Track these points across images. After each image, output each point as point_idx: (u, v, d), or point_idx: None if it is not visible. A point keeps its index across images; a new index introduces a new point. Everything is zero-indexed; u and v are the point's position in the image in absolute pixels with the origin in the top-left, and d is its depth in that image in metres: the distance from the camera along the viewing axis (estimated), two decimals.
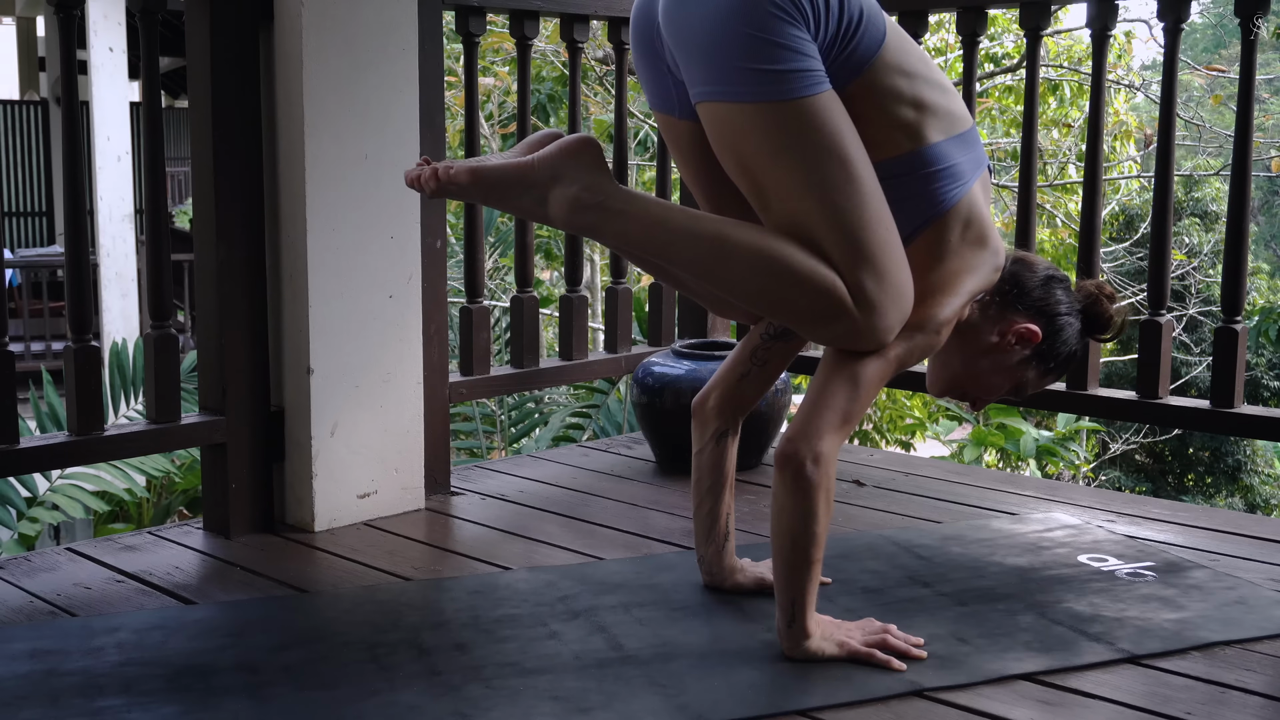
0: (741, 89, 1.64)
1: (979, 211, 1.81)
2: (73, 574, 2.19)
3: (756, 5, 1.62)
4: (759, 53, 1.62)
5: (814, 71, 1.64)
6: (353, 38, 2.36)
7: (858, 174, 1.67)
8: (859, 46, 1.69)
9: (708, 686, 1.70)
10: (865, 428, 9.00)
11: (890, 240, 1.69)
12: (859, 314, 1.67)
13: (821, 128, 1.65)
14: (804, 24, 1.63)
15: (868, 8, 1.71)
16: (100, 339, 7.08)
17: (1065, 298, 1.94)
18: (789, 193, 1.67)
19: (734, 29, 1.63)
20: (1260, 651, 1.83)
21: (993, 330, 1.90)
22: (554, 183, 1.66)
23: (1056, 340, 1.92)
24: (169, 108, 12.31)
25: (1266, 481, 10.61)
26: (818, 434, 1.71)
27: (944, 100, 1.77)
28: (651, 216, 1.68)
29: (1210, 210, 11.62)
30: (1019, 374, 1.93)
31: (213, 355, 2.37)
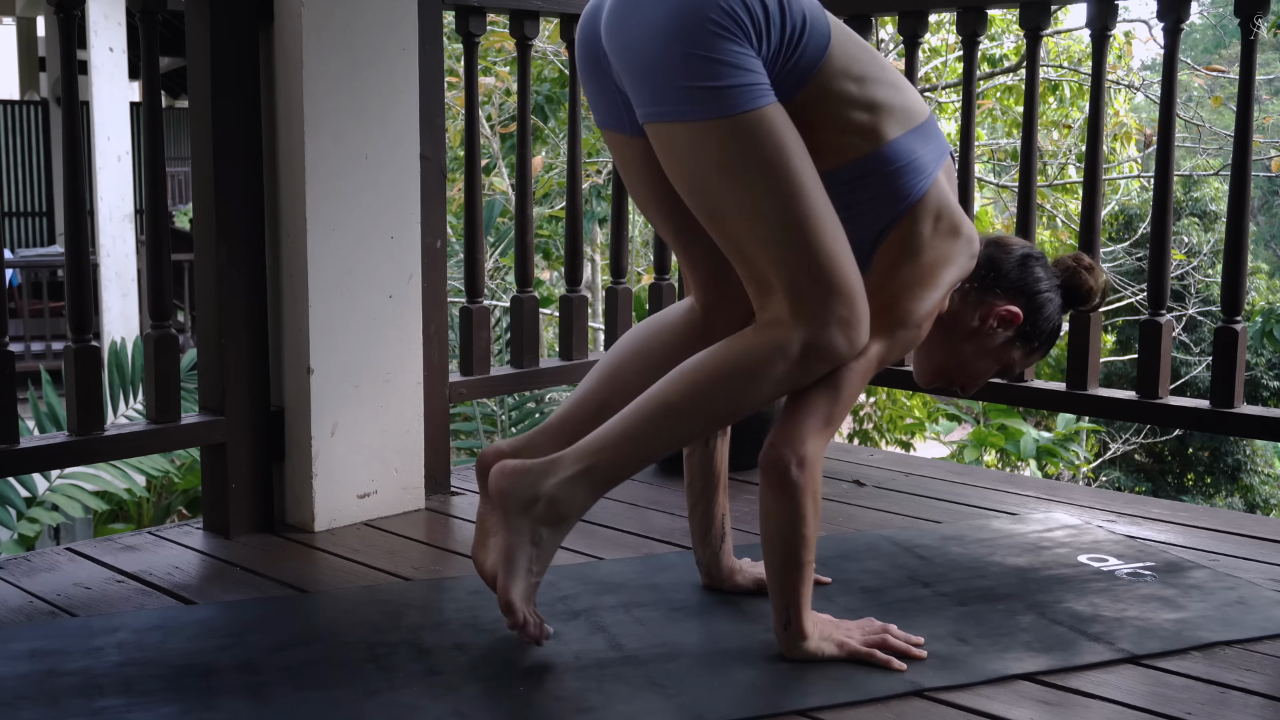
0: (685, 108, 1.63)
1: (947, 201, 1.80)
2: (73, 574, 2.19)
3: (696, 24, 1.61)
4: (700, 71, 1.62)
5: (757, 85, 1.63)
6: (353, 38, 2.36)
7: (803, 188, 1.65)
8: (804, 54, 1.68)
9: (708, 686, 1.70)
10: (865, 428, 9.01)
11: (839, 251, 1.68)
12: (825, 334, 1.67)
13: (765, 142, 1.64)
14: (745, 38, 1.62)
15: (810, 13, 1.69)
16: (100, 339, 7.08)
17: (1044, 274, 1.94)
18: (738, 212, 1.67)
19: (675, 49, 1.62)
20: (1260, 651, 1.83)
21: (973, 315, 1.90)
22: (526, 523, 1.71)
23: (1039, 318, 1.92)
24: (169, 108, 12.31)
25: (1266, 481, 10.61)
26: (801, 438, 1.71)
27: (897, 97, 1.75)
28: (604, 451, 1.70)
29: (1210, 210, 11.62)
30: (1004, 355, 1.93)
31: (213, 355, 2.37)
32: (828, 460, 3.00)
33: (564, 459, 1.72)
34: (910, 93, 1.80)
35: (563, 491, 1.70)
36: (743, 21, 1.62)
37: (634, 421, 1.71)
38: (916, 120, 1.77)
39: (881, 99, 1.73)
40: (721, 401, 1.71)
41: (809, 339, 1.67)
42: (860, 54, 1.74)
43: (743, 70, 1.62)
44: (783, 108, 1.67)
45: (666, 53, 1.63)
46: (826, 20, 1.71)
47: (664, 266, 3.16)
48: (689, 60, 1.62)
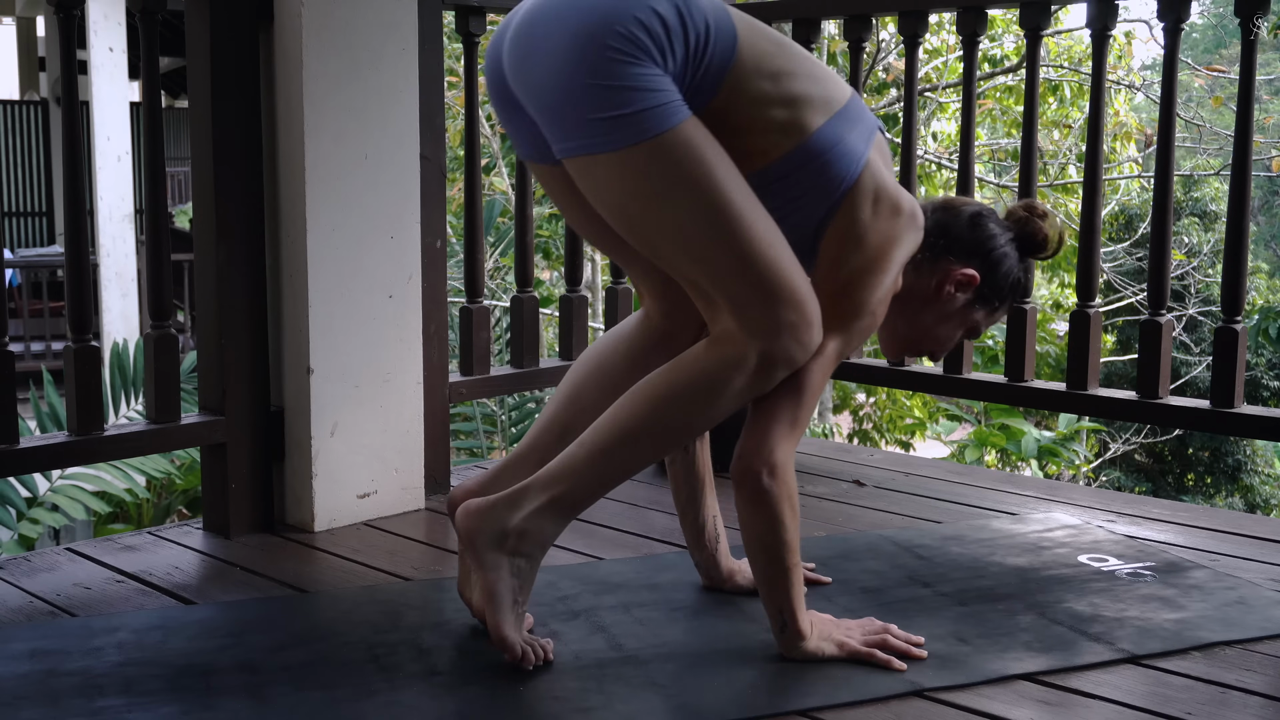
0: (598, 140, 1.61)
1: (884, 181, 1.76)
2: (72, 574, 2.19)
3: (596, 54, 1.59)
4: (607, 101, 1.59)
5: (667, 105, 1.60)
6: (353, 38, 2.36)
7: (730, 200, 1.63)
8: (712, 60, 1.64)
9: (708, 686, 1.70)
10: (865, 428, 9.01)
11: (778, 256, 1.66)
12: (780, 343, 1.65)
13: (683, 160, 1.61)
14: (649, 58, 1.59)
15: (713, 17, 1.65)
16: (100, 339, 7.08)
17: (997, 229, 1.91)
18: (668, 235, 1.66)
19: (578, 83, 1.60)
20: (1261, 652, 1.83)
21: (930, 284, 1.88)
22: (501, 558, 1.71)
23: (997, 275, 1.90)
24: (169, 108, 12.31)
25: (1266, 481, 10.61)
26: (769, 446, 1.70)
27: (815, 87, 1.71)
28: (566, 480, 1.70)
29: (1210, 210, 11.62)
30: (967, 318, 1.91)
31: (213, 355, 2.37)
32: (828, 460, 3.00)
33: (528, 490, 1.71)
34: (828, 78, 1.76)
35: (530, 524, 1.70)
36: (643, 42, 1.59)
37: (593, 449, 1.70)
38: (837, 105, 1.72)
39: (799, 92, 1.69)
40: (680, 421, 1.70)
41: (763, 350, 1.65)
42: (770, 48, 1.70)
43: (650, 92, 1.59)
44: (698, 120, 1.63)
45: (571, 88, 1.60)
46: (731, 20, 1.67)
47: None
48: (594, 92, 1.59)
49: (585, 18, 1.60)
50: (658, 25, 1.60)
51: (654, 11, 1.60)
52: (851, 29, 3.01)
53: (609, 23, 1.59)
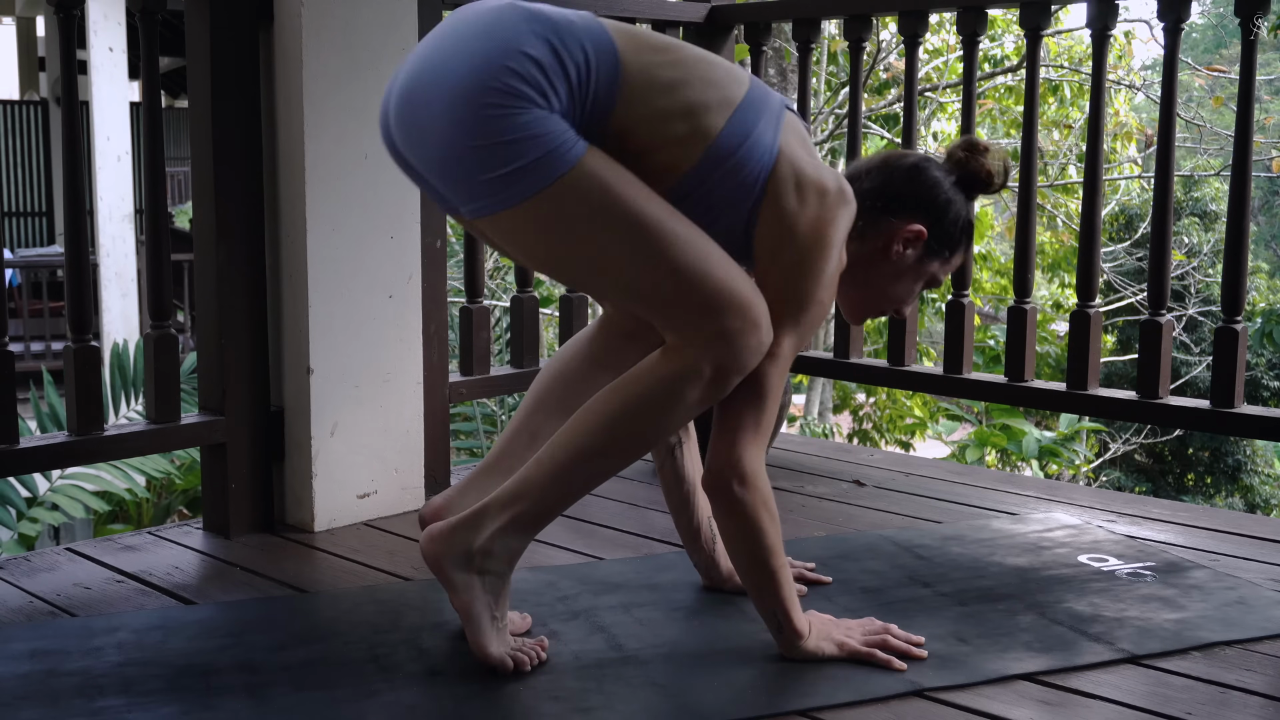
0: (499, 198, 1.59)
1: (801, 164, 1.71)
2: (72, 574, 2.19)
3: (476, 116, 1.55)
4: (498, 158, 1.56)
5: (559, 146, 1.57)
6: (352, 37, 2.36)
7: (646, 222, 1.61)
8: (598, 86, 1.61)
9: (708, 686, 1.70)
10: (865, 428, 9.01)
11: (709, 265, 1.63)
12: (730, 351, 1.63)
13: (590, 195, 1.59)
14: (530, 103, 1.55)
15: (591, 42, 1.62)
16: (100, 339, 7.08)
17: (938, 176, 1.87)
18: (593, 271, 1.66)
19: (466, 147, 1.57)
20: (1261, 652, 1.83)
21: (878, 247, 1.85)
22: (470, 578, 1.70)
23: (945, 223, 1.86)
24: (169, 108, 12.31)
25: (1266, 481, 10.61)
26: (737, 455, 1.69)
27: (710, 90, 1.67)
28: (526, 498, 1.69)
29: (1210, 210, 11.62)
30: (923, 271, 1.88)
31: (212, 355, 2.37)
32: (828, 460, 3.00)
33: (488, 510, 1.70)
34: (723, 75, 1.70)
35: (493, 544, 1.70)
36: (520, 90, 1.55)
37: (551, 467, 1.69)
38: (736, 100, 1.68)
39: (694, 99, 1.65)
40: (636, 436, 1.69)
41: (713, 360, 1.64)
42: (657, 59, 1.66)
43: (541, 137, 1.56)
44: (598, 150, 1.61)
45: (460, 155, 1.58)
46: (610, 40, 1.64)
47: None
48: (483, 153, 1.56)
49: (459, 81, 1.57)
50: (532, 69, 1.57)
51: (526, 56, 1.57)
52: (851, 29, 3.01)
53: (482, 81, 1.55)
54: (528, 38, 1.58)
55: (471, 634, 1.72)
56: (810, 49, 3.14)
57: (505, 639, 1.73)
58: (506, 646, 1.73)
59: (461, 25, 1.63)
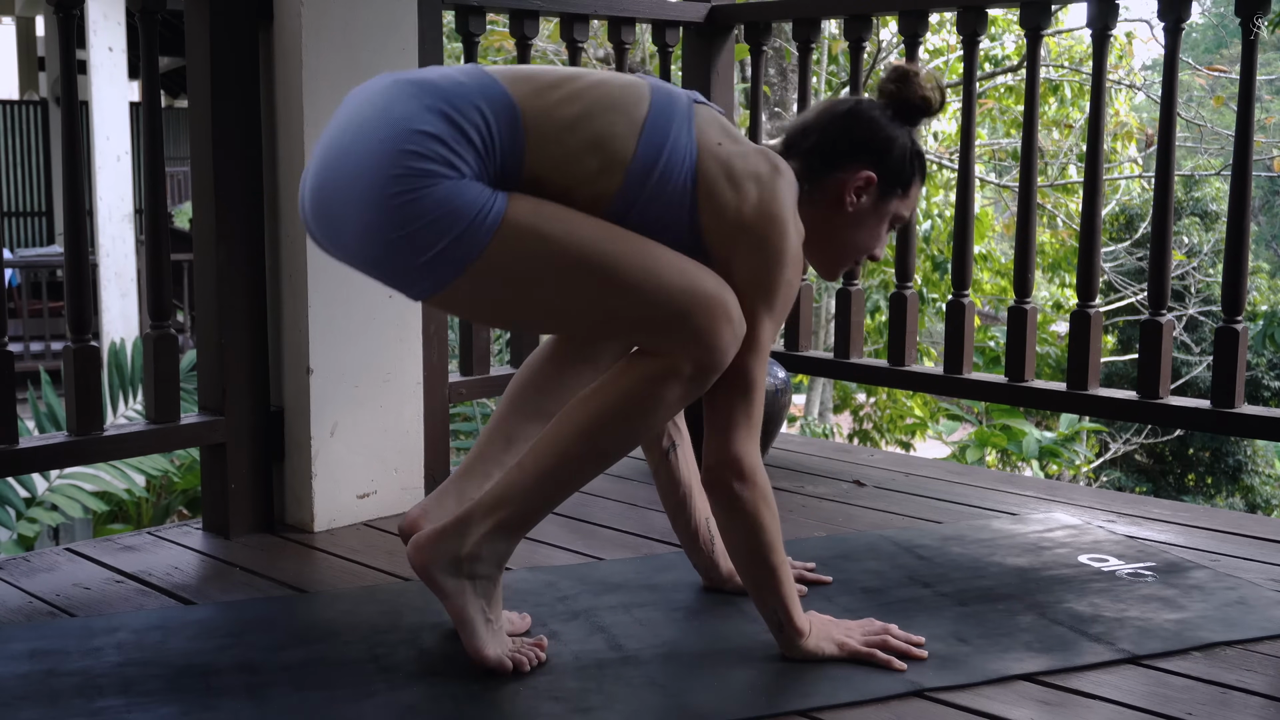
0: (435, 278, 1.58)
1: (727, 154, 1.69)
2: (72, 574, 2.19)
3: (388, 208, 1.54)
4: (424, 242, 1.55)
5: (482, 210, 1.56)
6: (352, 38, 2.36)
7: (590, 251, 1.60)
8: (503, 141, 1.60)
9: (708, 686, 1.69)
10: (865, 428, 9.01)
11: (667, 272, 1.62)
12: (705, 348, 1.62)
13: (527, 244, 1.58)
14: (440, 177, 1.54)
15: (485, 99, 1.60)
16: (100, 339, 7.08)
17: (874, 113, 1.83)
18: (554, 313, 1.65)
19: (390, 239, 1.56)
20: (1261, 652, 1.83)
21: (831, 202, 1.81)
22: (460, 583, 1.70)
23: (891, 160, 1.81)
24: (169, 108, 12.30)
25: (1267, 482, 10.61)
26: (732, 451, 1.69)
27: (614, 114, 1.64)
28: (511, 503, 1.68)
29: (1210, 210, 11.63)
30: (883, 212, 1.84)
31: (212, 355, 2.37)
32: (828, 460, 3.00)
33: (473, 515, 1.69)
34: (620, 94, 1.67)
35: (480, 548, 1.69)
36: (425, 168, 1.54)
37: (535, 472, 1.68)
38: (641, 116, 1.66)
39: (600, 131, 1.63)
40: (618, 437, 1.68)
41: (691, 359, 1.63)
42: (554, 97, 1.64)
43: (459, 208, 1.55)
44: (520, 195, 1.60)
45: (386, 248, 1.57)
46: (505, 92, 1.62)
47: None
48: (408, 240, 1.55)
49: (365, 178, 1.56)
50: (433, 145, 1.55)
51: (421, 133, 1.55)
52: (851, 29, 3.01)
53: (386, 171, 1.54)
54: (420, 114, 1.57)
55: (467, 638, 1.71)
56: (810, 49, 3.14)
57: (501, 640, 1.73)
58: (503, 648, 1.72)
59: (357, 113, 1.62)
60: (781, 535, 1.74)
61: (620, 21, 3.06)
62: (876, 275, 8.62)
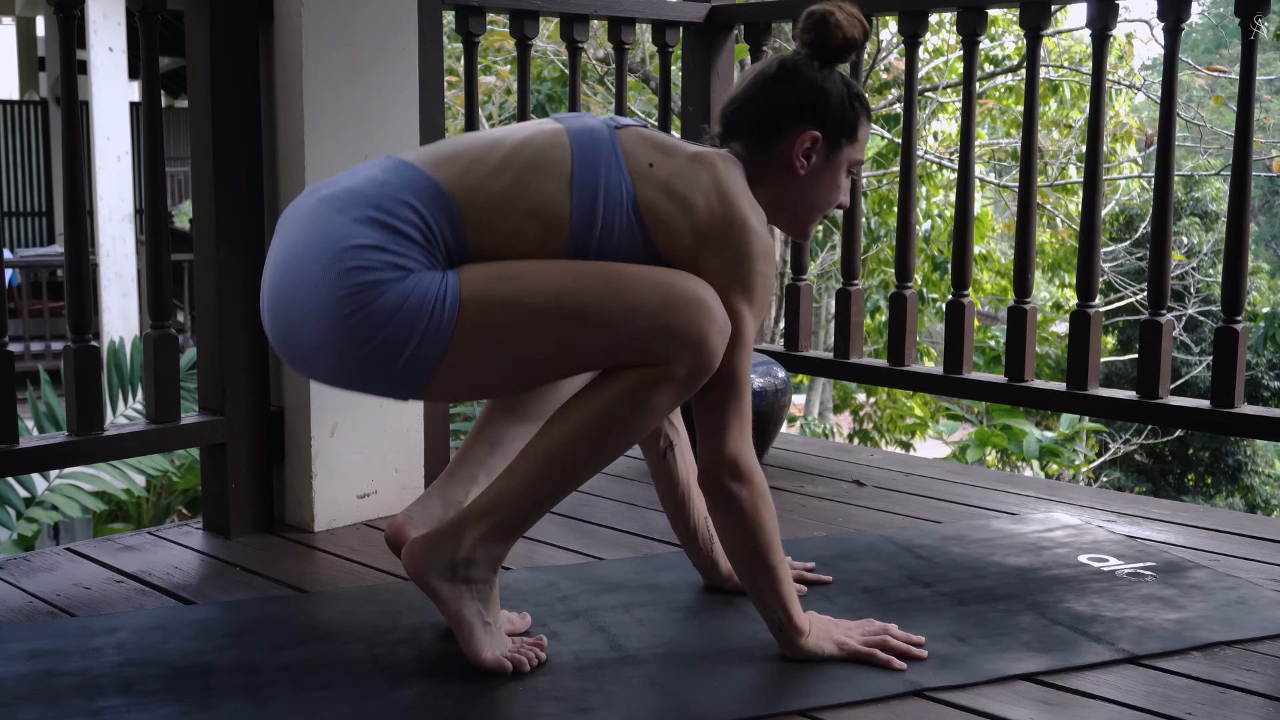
0: (414, 376, 1.59)
1: (658, 171, 1.67)
2: (72, 574, 2.19)
3: (346, 332, 1.55)
4: (392, 348, 1.56)
5: (437, 300, 1.56)
6: (353, 38, 2.36)
7: (556, 302, 1.59)
8: (443, 229, 1.60)
9: (708, 686, 1.69)
10: (865, 428, 9.01)
11: (636, 290, 1.61)
12: (694, 349, 1.61)
13: (490, 313, 1.58)
14: (390, 282, 1.55)
15: (411, 193, 1.60)
16: (100, 339, 7.08)
17: (801, 69, 1.77)
18: (541, 365, 1.63)
19: (359, 360, 1.58)
20: (1261, 652, 1.83)
21: (781, 171, 1.77)
22: (456, 587, 1.69)
23: (828, 110, 1.77)
24: (169, 108, 12.31)
25: (1267, 482, 10.62)
26: (727, 450, 1.68)
27: (541, 178, 1.63)
28: (504, 509, 1.67)
29: (1210, 210, 11.63)
30: (837, 164, 1.80)
31: (212, 355, 2.37)
32: (828, 460, 3.00)
33: (466, 520, 1.69)
34: (542, 148, 1.66)
35: (475, 553, 1.68)
36: (371, 280, 1.54)
37: (527, 478, 1.67)
38: (567, 168, 1.64)
39: (533, 198, 1.63)
40: (611, 440, 1.67)
41: (683, 363, 1.62)
42: (480, 171, 1.63)
43: (415, 302, 1.55)
44: (469, 266, 1.60)
45: (361, 366, 1.59)
46: (431, 180, 1.61)
47: None
48: (378, 353, 1.57)
49: (315, 307, 1.57)
50: (370, 255, 1.55)
51: (355, 249, 1.55)
52: None
53: (333, 295, 1.55)
54: (350, 229, 1.57)
55: (464, 642, 1.71)
56: None
57: (499, 641, 1.73)
58: (501, 649, 1.72)
59: (292, 242, 1.62)
60: (779, 534, 1.74)
61: (620, 21, 3.07)
62: (876, 275, 8.63)
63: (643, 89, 7.61)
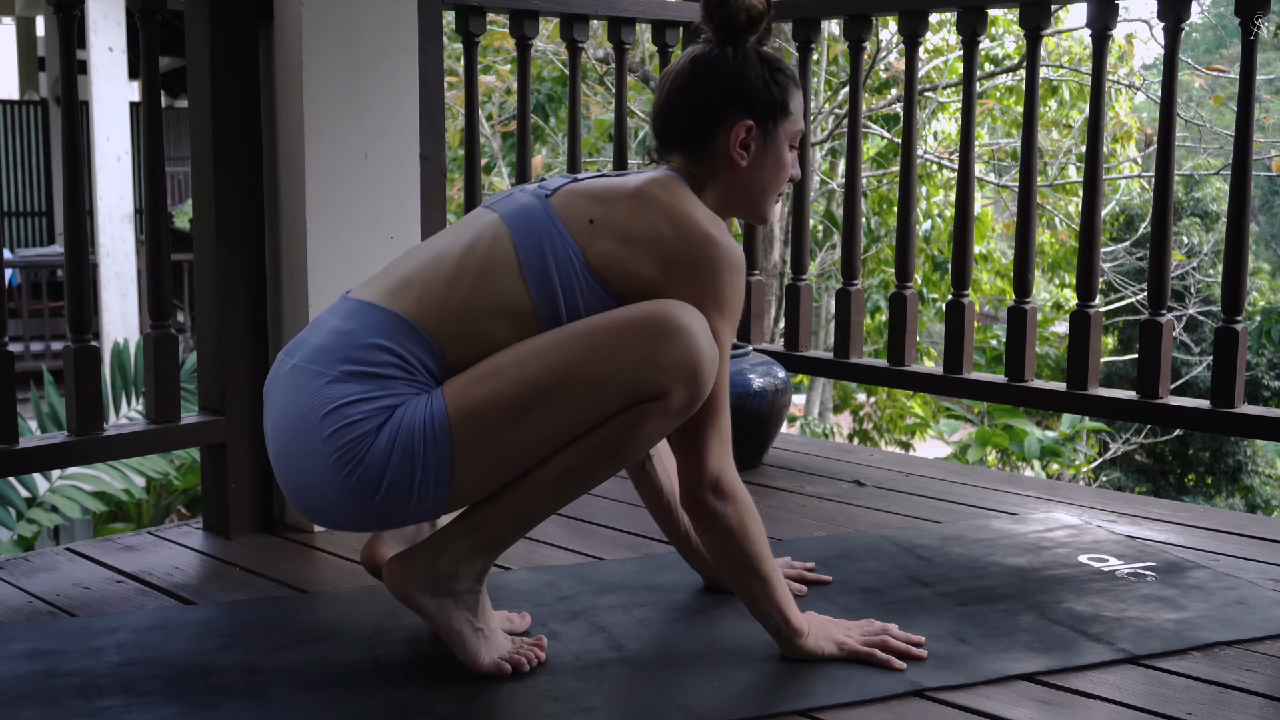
0: (437, 495, 1.61)
1: (603, 227, 1.67)
2: (72, 574, 2.19)
3: (349, 488, 1.58)
4: (401, 487, 1.59)
5: (425, 422, 1.58)
6: (353, 38, 2.36)
7: (534, 381, 1.59)
8: (418, 358, 1.61)
9: (708, 686, 1.69)
10: (865, 428, 9.01)
11: (617, 331, 1.60)
12: (684, 373, 1.59)
13: (481, 419, 1.58)
14: (374, 429, 1.57)
15: (376, 334, 1.61)
16: (100, 339, 7.08)
17: (713, 59, 1.74)
18: (539, 445, 1.61)
19: (376, 509, 1.60)
20: (1261, 652, 1.83)
21: (724, 168, 1.75)
22: (441, 600, 1.68)
23: (754, 95, 1.73)
24: (169, 108, 12.31)
25: (1267, 482, 10.62)
26: (706, 469, 1.68)
27: (492, 280, 1.64)
28: (489, 527, 1.67)
29: (1210, 210, 11.62)
30: (778, 143, 1.77)
31: (213, 355, 2.37)
32: (828, 460, 3.00)
33: (447, 537, 1.68)
34: (483, 252, 1.66)
35: (456, 568, 1.67)
36: (356, 435, 1.57)
37: (513, 502, 1.65)
38: (511, 256, 1.65)
39: (492, 300, 1.64)
40: (602, 472, 1.67)
41: (677, 396, 1.61)
42: (438, 289, 1.64)
43: (406, 438, 1.57)
44: (450, 380, 1.61)
45: (380, 512, 1.61)
46: (396, 315, 1.62)
47: None
48: (390, 496, 1.59)
49: (315, 477, 1.60)
50: (350, 410, 1.58)
51: (338, 409, 1.58)
52: (851, 29, 3.01)
53: (326, 461, 1.58)
54: (326, 391, 1.59)
55: (459, 651, 1.70)
56: (810, 49, 3.14)
57: (494, 644, 1.72)
58: (499, 651, 1.72)
59: (279, 413, 1.65)
60: (767, 541, 1.74)
61: (620, 21, 3.07)
62: (876, 275, 8.63)
63: (643, 89, 7.61)
